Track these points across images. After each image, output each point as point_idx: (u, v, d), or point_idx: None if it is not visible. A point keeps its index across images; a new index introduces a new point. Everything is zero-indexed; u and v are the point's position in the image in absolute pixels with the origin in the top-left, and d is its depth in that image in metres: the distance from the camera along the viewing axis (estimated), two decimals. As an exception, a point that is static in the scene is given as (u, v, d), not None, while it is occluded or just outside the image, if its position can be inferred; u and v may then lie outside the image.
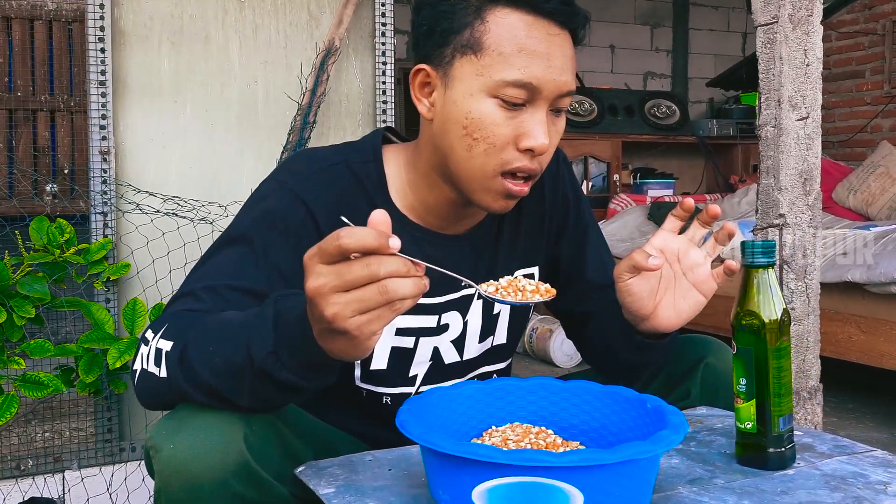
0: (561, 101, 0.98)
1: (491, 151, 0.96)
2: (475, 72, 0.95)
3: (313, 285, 0.72)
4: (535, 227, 1.19)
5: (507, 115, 0.95)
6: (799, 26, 1.99)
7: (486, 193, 0.99)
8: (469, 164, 0.98)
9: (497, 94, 0.95)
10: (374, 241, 0.70)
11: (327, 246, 0.71)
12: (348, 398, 1.12)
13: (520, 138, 0.96)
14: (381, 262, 0.70)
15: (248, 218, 1.01)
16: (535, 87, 0.94)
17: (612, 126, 4.64)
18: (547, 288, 0.89)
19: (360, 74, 2.16)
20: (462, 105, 0.96)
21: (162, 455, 0.83)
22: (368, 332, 0.73)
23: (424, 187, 1.07)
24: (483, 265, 1.13)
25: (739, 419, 0.92)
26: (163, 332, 0.88)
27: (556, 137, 1.00)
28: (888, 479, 0.88)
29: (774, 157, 1.98)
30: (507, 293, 0.87)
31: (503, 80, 0.94)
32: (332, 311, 0.71)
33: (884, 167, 3.82)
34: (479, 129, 0.96)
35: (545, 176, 1.18)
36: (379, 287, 0.70)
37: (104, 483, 1.85)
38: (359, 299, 0.71)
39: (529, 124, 0.96)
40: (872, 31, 4.98)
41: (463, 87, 0.96)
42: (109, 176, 1.87)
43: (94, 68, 1.87)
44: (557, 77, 0.95)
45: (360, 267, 0.70)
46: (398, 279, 0.71)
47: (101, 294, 1.86)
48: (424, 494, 0.83)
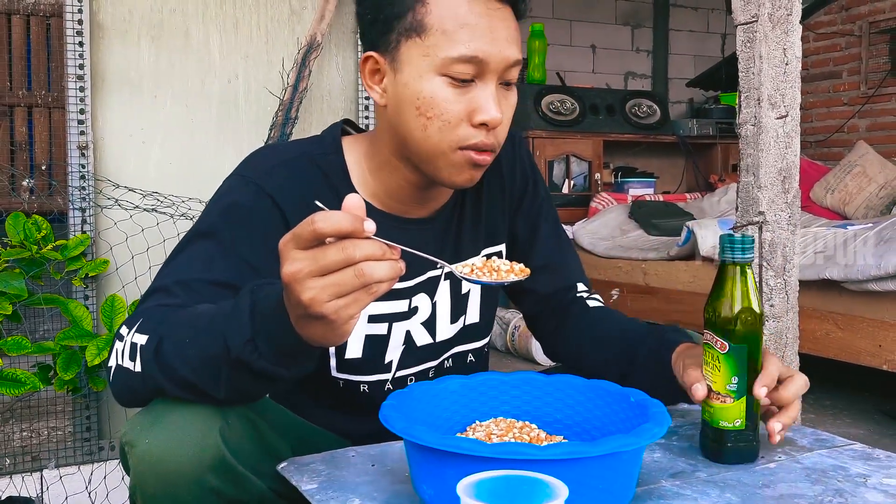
0: (509, 74, 0.99)
1: (445, 129, 0.97)
2: (421, 53, 0.97)
3: (289, 270, 0.71)
4: (495, 205, 1.20)
5: (458, 91, 0.97)
6: (778, 25, 2.01)
7: (449, 169, 1.00)
8: (427, 143, 0.99)
9: (445, 71, 0.96)
10: (349, 224, 0.70)
11: (302, 231, 0.71)
12: (325, 390, 1.12)
13: (472, 114, 0.97)
14: (357, 246, 0.70)
15: (214, 213, 1.01)
16: (482, 61, 0.95)
17: (593, 125, 4.65)
18: (521, 267, 0.89)
19: (343, 70, 2.15)
20: (413, 87, 0.98)
21: (137, 451, 0.82)
22: (346, 315, 0.72)
23: (385, 173, 1.07)
24: (448, 247, 1.14)
25: (726, 418, 0.90)
26: (137, 326, 0.87)
27: (508, 110, 1.01)
28: (868, 472, 0.89)
29: (754, 156, 1.99)
30: (483, 273, 0.87)
31: (449, 56, 0.95)
32: (309, 296, 0.71)
33: (860, 167, 3.86)
34: (431, 108, 0.97)
35: (502, 155, 1.19)
36: (355, 270, 0.70)
37: (83, 482, 1.83)
38: (335, 283, 0.70)
39: (481, 99, 0.97)
40: (849, 33, 5.03)
41: (411, 69, 0.98)
42: (88, 171, 1.85)
43: (71, 62, 1.84)
44: (503, 49, 0.97)
45: (335, 251, 0.70)
46: (374, 262, 0.70)
47: (80, 291, 1.84)
48: (408, 490, 0.83)
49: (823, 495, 0.82)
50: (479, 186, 1.18)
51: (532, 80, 4.64)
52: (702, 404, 0.93)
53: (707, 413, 0.92)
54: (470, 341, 1.21)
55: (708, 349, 0.91)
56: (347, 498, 0.80)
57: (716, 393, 0.91)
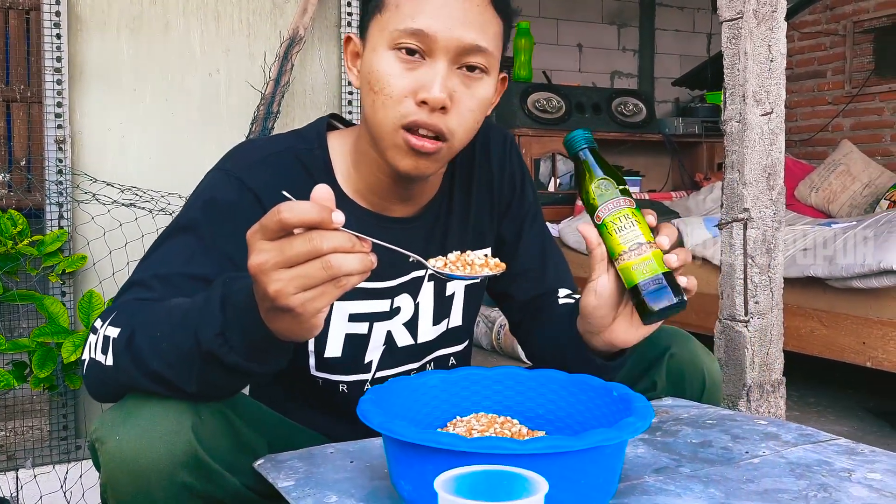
0: (467, 58, 0.96)
1: (388, 103, 0.95)
2: (378, 29, 0.97)
3: (255, 262, 0.70)
4: (484, 206, 1.18)
5: (406, 66, 0.95)
6: (763, 22, 2.01)
7: (393, 151, 0.97)
8: (374, 120, 0.97)
9: (394, 45, 0.95)
10: (316, 214, 0.68)
11: (268, 221, 0.69)
12: (304, 389, 1.10)
13: (417, 91, 0.94)
14: (324, 237, 0.68)
15: (195, 207, 0.99)
16: (428, 36, 0.93)
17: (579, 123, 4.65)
18: (496, 262, 0.88)
19: (326, 65, 2.13)
20: (367, 62, 0.97)
21: (107, 447, 0.80)
22: (313, 309, 0.71)
23: (365, 166, 1.05)
24: (434, 248, 1.12)
25: (661, 265, 0.92)
26: (111, 319, 0.86)
27: (469, 101, 0.97)
28: (852, 467, 0.88)
29: (739, 152, 1.99)
30: (456, 268, 0.85)
31: (396, 29, 0.94)
32: (275, 288, 0.69)
33: (844, 165, 3.88)
34: (378, 82, 0.96)
35: (493, 155, 1.17)
36: (322, 262, 0.68)
37: (58, 481, 1.80)
38: (302, 275, 0.69)
39: (426, 77, 0.94)
40: (834, 32, 5.06)
41: (370, 45, 0.98)
42: (65, 165, 1.82)
43: (49, 55, 1.81)
44: (454, 28, 0.94)
45: (301, 242, 0.68)
46: (342, 254, 0.69)
47: (56, 287, 1.81)
48: (386, 486, 0.81)
49: (808, 490, 0.81)
50: (469, 186, 1.15)
51: (518, 78, 4.64)
52: (630, 268, 0.93)
53: (646, 268, 0.92)
54: (452, 344, 1.19)
55: (615, 216, 0.93)
56: (325, 495, 0.79)
57: (648, 243, 0.92)
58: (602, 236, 0.95)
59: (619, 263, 0.94)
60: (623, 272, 0.94)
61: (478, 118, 1.00)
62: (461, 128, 0.98)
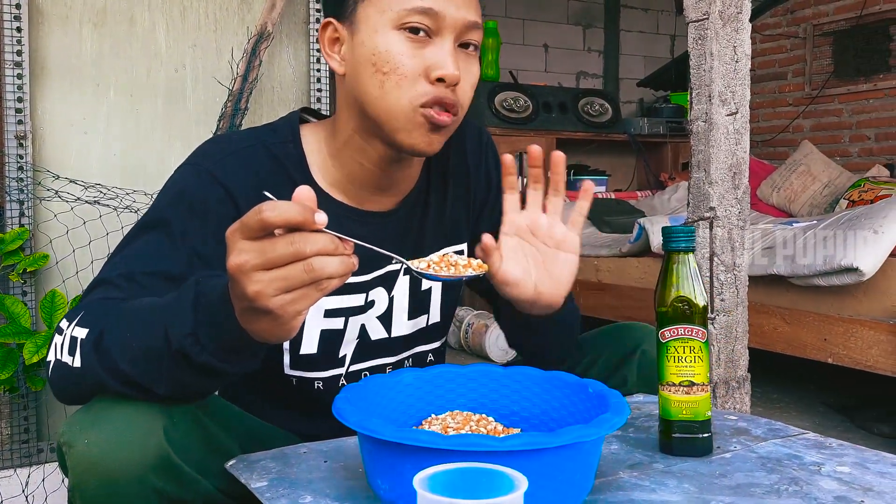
0: (468, 35, 0.98)
1: (403, 83, 0.95)
2: (377, 10, 0.96)
3: (235, 262, 0.68)
4: (460, 203, 1.18)
5: (414, 46, 0.95)
6: (729, 23, 2.04)
7: (409, 132, 0.97)
8: (384, 101, 0.96)
9: (401, 24, 0.95)
10: (299, 215, 0.67)
11: (249, 220, 0.68)
12: (278, 389, 1.08)
13: (429, 69, 0.95)
14: (307, 240, 0.67)
15: (164, 202, 0.97)
16: (437, 13, 0.94)
17: (546, 123, 4.68)
18: (479, 263, 0.88)
19: (294, 61, 2.11)
20: (369, 44, 0.96)
21: (75, 451, 0.78)
22: (293, 311, 0.70)
23: (347, 155, 1.04)
24: (409, 242, 1.11)
25: (707, 407, 0.89)
26: (77, 320, 0.83)
27: (469, 76, 0.99)
28: (821, 461, 0.89)
29: (705, 152, 2.01)
30: (440, 268, 0.85)
31: (404, 8, 0.94)
32: (255, 289, 0.68)
33: (805, 166, 3.95)
34: (387, 63, 0.95)
35: (468, 151, 1.17)
36: (304, 265, 0.67)
37: (20, 485, 1.75)
38: (283, 277, 0.67)
39: (438, 55, 0.95)
40: (794, 35, 5.16)
41: (367, 27, 0.96)
42: (26, 162, 1.77)
43: (8, 48, 1.77)
44: (458, 6, 0.96)
45: (284, 244, 0.67)
46: (325, 257, 0.68)
47: (17, 286, 1.76)
48: (362, 486, 0.80)
49: (780, 483, 0.82)
50: (445, 183, 1.15)
51: (486, 77, 4.64)
52: (672, 402, 0.90)
53: (688, 409, 0.89)
54: (430, 341, 1.18)
55: (681, 343, 0.89)
56: (299, 495, 0.77)
57: (699, 385, 0.89)
58: (658, 353, 0.91)
59: (662, 389, 0.91)
60: (663, 399, 0.91)
61: (471, 95, 1.02)
62: (463, 104, 0.99)
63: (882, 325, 2.34)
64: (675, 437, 0.90)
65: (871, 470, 0.86)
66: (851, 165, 4.50)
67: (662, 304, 0.91)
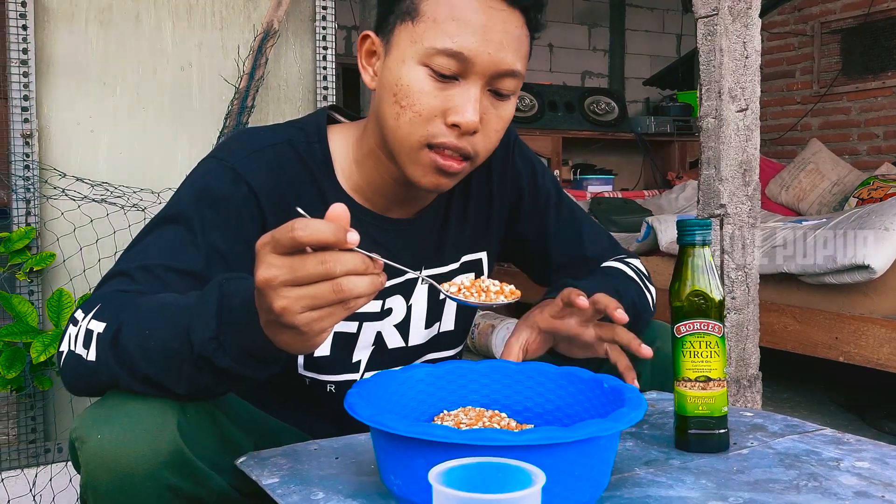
0: (501, 83, 0.94)
1: (416, 121, 0.92)
2: (410, 39, 0.92)
3: (263, 276, 0.67)
4: (482, 212, 1.16)
5: (438, 86, 0.92)
6: (738, 19, 2.02)
7: (415, 167, 0.95)
8: (396, 133, 0.94)
9: (428, 62, 0.91)
10: (332, 235, 0.65)
11: (280, 237, 0.66)
12: (291, 388, 1.07)
13: (448, 112, 0.92)
14: (338, 260, 0.66)
15: (187, 197, 0.95)
16: (467, 59, 0.90)
17: (552, 122, 4.67)
18: (511, 290, 0.85)
19: (300, 59, 2.10)
20: (395, 71, 0.93)
21: (88, 446, 0.77)
22: (318, 329, 0.68)
23: (370, 164, 1.03)
24: (429, 250, 1.10)
25: (724, 402, 0.88)
26: (94, 312, 0.82)
27: (496, 122, 0.96)
28: (840, 456, 0.88)
29: (715, 148, 2.00)
30: (471, 294, 0.84)
31: (433, 47, 0.90)
32: (282, 305, 0.67)
33: (814, 164, 3.93)
34: (406, 97, 0.92)
35: (493, 160, 1.14)
36: (333, 285, 0.66)
37: (27, 485, 1.75)
38: (311, 296, 0.66)
39: (459, 99, 0.91)
40: (802, 33, 5.14)
41: (398, 53, 0.94)
42: (32, 160, 1.77)
43: (14, 47, 1.76)
44: (493, 52, 0.91)
45: (314, 263, 0.66)
46: (354, 277, 0.66)
47: (24, 285, 1.76)
48: (374, 482, 0.79)
49: (798, 479, 0.81)
50: (468, 192, 1.13)
51: (491, 76, 4.63)
52: (689, 398, 0.88)
53: (704, 405, 0.88)
54: (444, 349, 1.17)
55: (697, 338, 0.88)
56: (311, 492, 0.76)
57: (716, 380, 0.88)
58: (673, 349, 0.90)
59: (678, 385, 0.89)
60: (678, 395, 0.89)
61: (500, 137, 0.98)
62: (485, 148, 0.96)
63: (893, 323, 2.32)
64: (692, 434, 0.89)
65: (891, 465, 0.85)
66: (860, 163, 4.48)
67: (678, 299, 0.90)
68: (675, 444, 0.90)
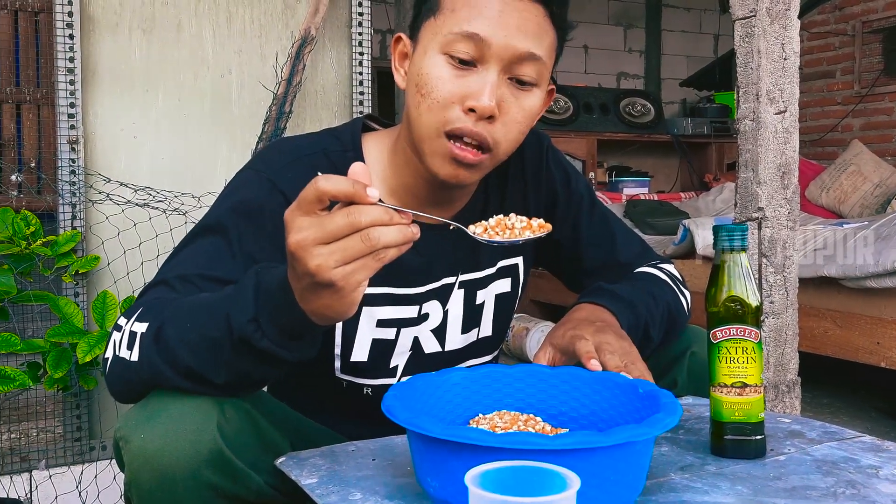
0: (520, 68, 0.94)
1: (434, 107, 0.94)
2: (432, 32, 0.96)
3: (295, 239, 0.70)
4: (517, 214, 1.16)
5: (456, 72, 0.94)
6: (776, 20, 2.00)
7: (433, 157, 0.96)
8: (418, 122, 0.96)
9: (447, 49, 0.93)
10: (351, 187, 0.69)
11: (305, 193, 0.70)
12: (328, 391, 1.09)
13: (465, 97, 0.93)
14: (362, 211, 0.69)
15: (224, 207, 0.98)
16: (483, 41, 0.92)
17: (587, 124, 4.65)
18: (540, 223, 0.84)
19: (337, 65, 2.13)
20: (417, 64, 0.96)
21: (131, 446, 0.80)
22: (354, 282, 0.71)
23: (404, 166, 1.04)
24: (465, 254, 1.10)
25: (761, 408, 0.88)
26: (137, 315, 0.85)
27: (517, 112, 0.96)
28: (879, 464, 0.87)
29: (753, 151, 1.98)
30: (496, 233, 0.83)
31: (450, 32, 0.93)
32: (316, 263, 0.69)
33: (855, 166, 3.86)
34: (426, 85, 0.94)
35: (527, 158, 1.15)
36: (361, 236, 0.69)
37: (73, 482, 1.79)
38: (342, 249, 0.69)
39: (476, 84, 0.93)
40: (843, 32, 5.05)
41: (421, 47, 0.97)
42: (78, 166, 1.82)
43: (61, 55, 1.81)
44: (510, 36, 0.92)
45: (340, 216, 0.69)
46: (381, 227, 0.69)
47: (70, 287, 1.81)
48: (410, 483, 0.80)
49: (836, 486, 0.80)
50: (503, 195, 1.14)
51: (525, 79, 4.63)
52: (725, 403, 0.88)
53: (740, 411, 0.88)
54: (481, 354, 1.18)
55: (733, 344, 0.88)
56: (349, 492, 0.78)
57: (752, 386, 0.88)
58: (709, 354, 0.90)
59: (714, 391, 0.89)
60: (715, 401, 0.89)
61: (523, 130, 0.98)
62: (506, 139, 0.96)
63: (938, 328, 2.27)
64: (728, 439, 0.89)
65: (933, 474, 0.84)
66: (903, 165, 4.38)
67: (714, 305, 0.90)
68: (712, 449, 0.90)
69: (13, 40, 2.99)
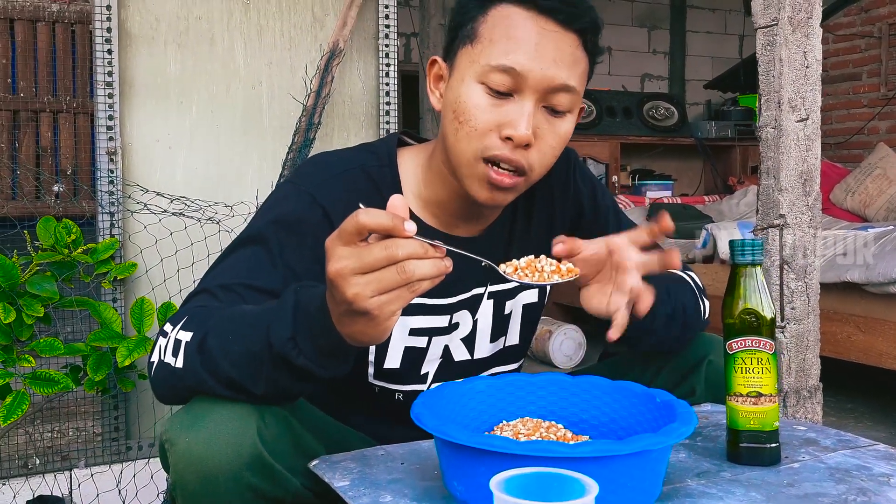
0: (555, 99, 0.99)
1: (472, 135, 0.98)
2: (469, 59, 0.99)
3: (334, 268, 0.74)
4: (545, 232, 1.20)
5: (493, 102, 0.98)
6: (798, 28, 2.01)
7: (471, 180, 1.01)
8: (455, 148, 1.00)
9: (484, 79, 0.97)
10: (390, 221, 0.73)
11: (346, 225, 0.74)
12: (360, 396, 1.14)
13: (502, 126, 0.97)
14: (399, 245, 0.73)
15: (265, 220, 1.03)
16: (520, 74, 0.96)
17: (610, 127, 4.66)
18: (569, 267, 0.88)
19: (364, 76, 2.18)
20: (454, 90, 1.00)
21: (177, 448, 0.85)
22: (388, 312, 0.75)
23: (438, 183, 1.09)
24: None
25: (776, 418, 0.91)
26: (182, 323, 0.90)
27: (552, 138, 1.00)
28: (891, 472, 0.89)
29: (774, 158, 1.99)
30: (525, 274, 0.87)
31: (488, 64, 0.97)
32: (353, 292, 0.73)
33: (881, 169, 3.84)
34: (464, 113, 0.98)
35: (554, 181, 1.19)
36: (397, 268, 0.73)
37: (113, 480, 1.86)
38: (378, 280, 0.73)
39: (513, 114, 0.97)
40: (869, 34, 5.01)
41: (458, 74, 1.00)
42: (116, 176, 1.89)
43: (100, 69, 1.88)
44: (545, 68, 0.96)
45: (378, 249, 0.73)
46: (416, 260, 0.73)
47: (109, 293, 1.88)
48: (438, 486, 0.84)
49: (847, 493, 0.83)
50: (530, 211, 1.18)
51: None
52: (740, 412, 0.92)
53: (755, 420, 0.91)
54: (508, 362, 1.22)
55: (748, 355, 0.91)
56: (380, 494, 0.82)
57: (767, 396, 0.91)
58: (725, 364, 0.93)
59: (730, 400, 0.93)
60: (730, 409, 0.93)
61: (557, 153, 1.03)
62: (541, 164, 1.01)
63: (962, 334, 2.27)
64: (743, 447, 0.92)
65: (943, 482, 0.86)
66: (931, 168, 4.34)
67: (730, 316, 0.93)
68: (727, 456, 0.94)
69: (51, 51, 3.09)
